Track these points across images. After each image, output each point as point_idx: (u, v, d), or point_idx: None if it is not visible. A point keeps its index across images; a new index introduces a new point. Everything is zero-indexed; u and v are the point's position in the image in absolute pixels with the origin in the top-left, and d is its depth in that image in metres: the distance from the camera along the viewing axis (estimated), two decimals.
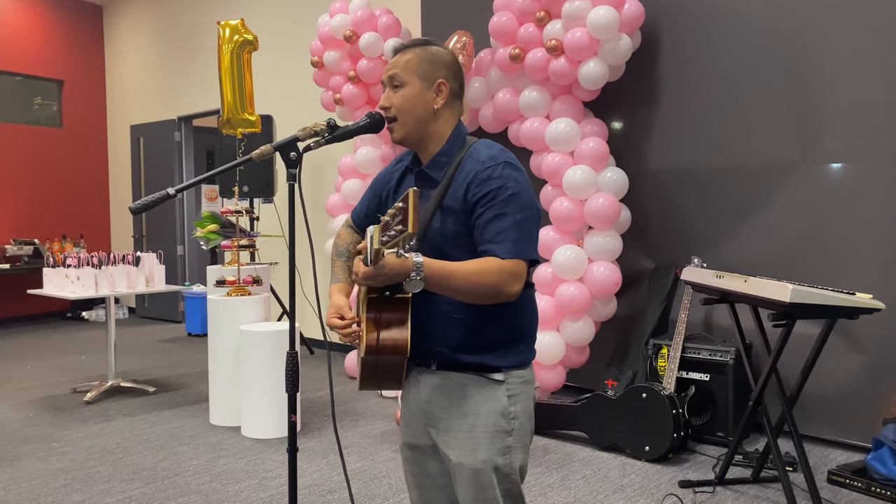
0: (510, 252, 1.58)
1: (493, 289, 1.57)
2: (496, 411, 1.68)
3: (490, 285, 1.57)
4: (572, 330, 4.23)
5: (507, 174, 1.62)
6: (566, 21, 4.15)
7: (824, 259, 3.92)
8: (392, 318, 1.62)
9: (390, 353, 1.62)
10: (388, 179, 1.88)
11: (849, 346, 3.83)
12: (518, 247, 1.59)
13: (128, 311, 9.24)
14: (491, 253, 1.59)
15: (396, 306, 1.62)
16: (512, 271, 1.58)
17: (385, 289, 1.60)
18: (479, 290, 1.57)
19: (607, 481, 3.45)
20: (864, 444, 3.71)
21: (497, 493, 1.68)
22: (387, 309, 1.62)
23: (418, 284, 1.48)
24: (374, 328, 1.61)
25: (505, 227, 1.59)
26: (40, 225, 8.85)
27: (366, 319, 1.62)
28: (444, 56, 1.74)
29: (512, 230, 1.59)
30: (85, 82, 9.40)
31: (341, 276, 1.90)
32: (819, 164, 3.95)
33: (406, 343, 1.61)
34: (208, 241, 4.88)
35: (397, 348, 1.61)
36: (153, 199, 1.58)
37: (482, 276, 1.56)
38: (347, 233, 1.97)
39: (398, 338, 1.61)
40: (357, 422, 4.44)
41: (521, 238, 1.60)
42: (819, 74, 3.93)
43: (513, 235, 1.59)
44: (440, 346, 1.68)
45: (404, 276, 1.47)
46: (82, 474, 3.61)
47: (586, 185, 4.16)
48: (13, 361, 6.42)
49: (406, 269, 1.46)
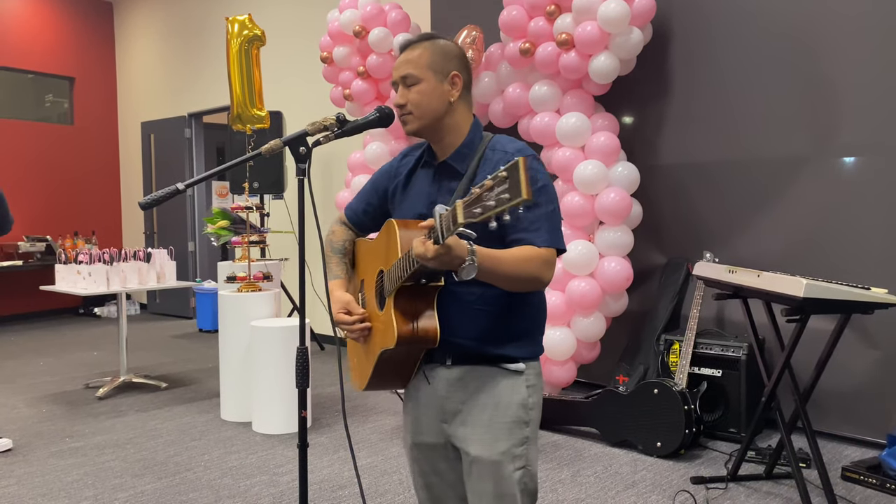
0: (546, 241, 1.61)
1: (534, 275, 1.59)
2: (517, 402, 1.69)
3: (533, 272, 1.58)
4: (583, 325, 4.21)
5: (536, 166, 1.64)
6: (576, 15, 4.12)
7: (837, 254, 3.88)
8: (420, 307, 1.61)
9: (420, 343, 1.61)
10: (394, 174, 1.86)
11: (863, 342, 3.80)
12: (552, 236, 1.62)
13: (139, 307, 9.28)
14: (528, 241, 1.60)
15: (424, 296, 1.62)
16: (549, 259, 1.61)
17: (422, 277, 1.59)
18: (524, 276, 1.58)
19: (619, 477, 3.43)
20: (879, 440, 3.68)
21: (515, 488, 1.68)
22: (415, 299, 1.62)
23: (472, 270, 1.45)
24: (406, 318, 1.60)
25: (539, 217, 1.61)
26: (52, 222, 8.90)
27: (394, 310, 1.60)
28: (453, 49, 1.74)
29: (545, 220, 1.62)
30: (96, 79, 9.43)
31: (339, 271, 1.89)
32: (832, 159, 3.91)
33: (436, 332, 1.61)
34: (219, 238, 4.89)
35: (427, 338, 1.61)
36: (162, 195, 1.58)
37: (527, 264, 1.57)
38: (342, 230, 1.95)
39: (428, 327, 1.61)
40: (367, 417, 4.44)
41: (553, 228, 1.64)
42: (831, 68, 3.88)
43: (546, 225, 1.62)
44: (461, 338, 1.67)
45: (460, 262, 1.44)
46: (95, 469, 3.62)
47: (597, 180, 4.13)
48: (26, 357, 6.46)
49: (463, 255, 1.44)
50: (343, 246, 1.93)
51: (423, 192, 1.76)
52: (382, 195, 1.88)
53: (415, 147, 1.86)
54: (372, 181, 1.92)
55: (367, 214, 1.92)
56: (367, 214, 1.92)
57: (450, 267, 1.46)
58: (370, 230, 1.95)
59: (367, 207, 1.91)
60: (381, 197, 1.88)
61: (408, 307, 1.61)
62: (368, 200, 1.91)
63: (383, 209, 1.89)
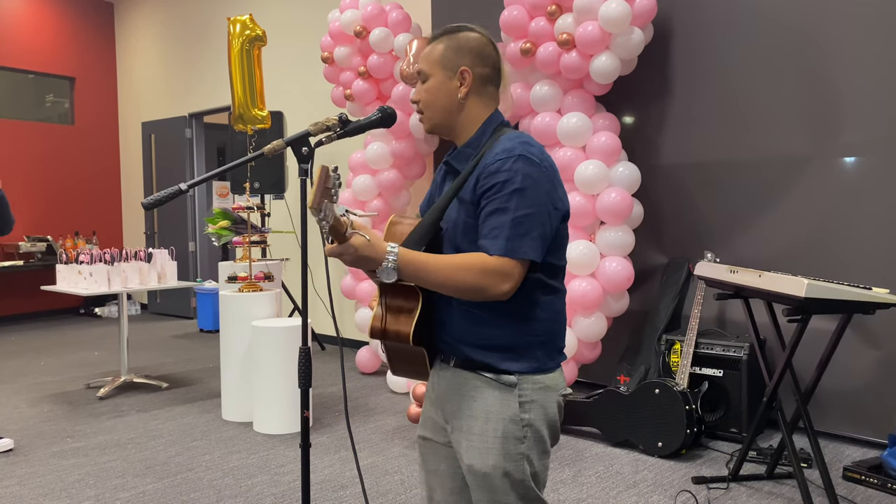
0: (500, 249, 1.49)
1: (472, 287, 1.50)
2: (506, 417, 1.61)
3: (468, 283, 1.49)
4: (584, 325, 4.21)
5: (517, 168, 1.53)
6: (578, 15, 4.12)
7: (838, 254, 3.88)
8: (400, 304, 1.61)
9: (393, 338, 1.62)
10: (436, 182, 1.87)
11: (864, 342, 3.80)
12: (511, 244, 1.49)
13: (140, 307, 9.28)
14: (483, 248, 1.52)
15: (404, 294, 1.61)
16: (497, 270, 1.49)
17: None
18: (457, 286, 1.50)
19: (620, 477, 3.43)
20: (881, 440, 3.68)
21: (511, 498, 1.63)
22: (395, 295, 1.62)
23: (391, 273, 1.43)
24: (381, 314, 1.62)
25: (501, 223, 1.50)
26: (53, 222, 8.90)
27: (379, 303, 1.62)
28: (471, 42, 1.66)
29: (508, 227, 1.50)
30: (96, 79, 9.43)
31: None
32: (833, 159, 3.91)
33: (408, 332, 1.59)
34: (220, 238, 4.89)
35: (399, 335, 1.60)
36: (165, 195, 1.58)
37: (460, 273, 1.49)
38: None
39: (401, 326, 1.61)
40: (369, 417, 4.44)
41: (516, 235, 1.50)
42: (832, 68, 3.88)
43: (507, 232, 1.49)
44: (455, 339, 1.65)
45: (376, 263, 1.43)
46: (96, 469, 3.63)
47: (598, 180, 4.14)
48: (27, 357, 6.47)
49: (378, 255, 1.42)
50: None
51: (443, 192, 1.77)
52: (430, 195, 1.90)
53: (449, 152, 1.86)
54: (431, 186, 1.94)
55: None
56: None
57: (365, 267, 1.45)
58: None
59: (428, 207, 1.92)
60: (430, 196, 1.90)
61: (392, 302, 1.62)
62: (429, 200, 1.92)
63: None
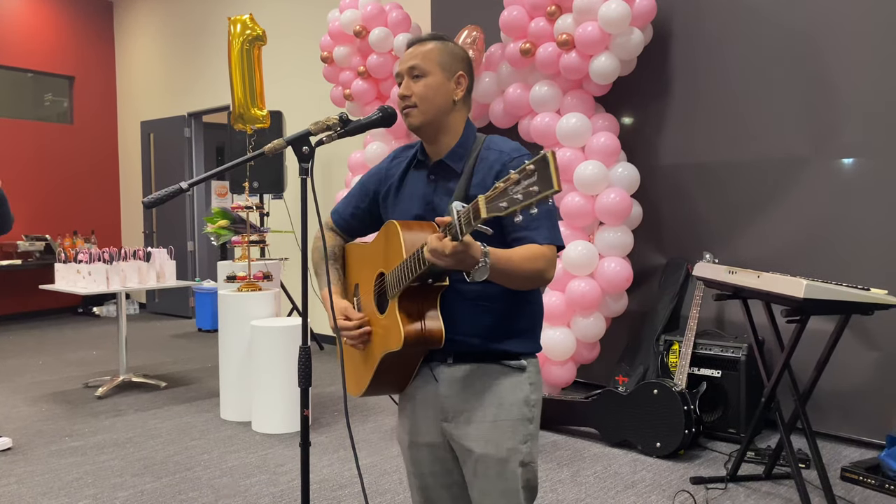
0: (547, 238, 1.62)
1: (539, 273, 1.60)
2: (520, 400, 1.70)
3: (539, 270, 1.59)
4: (583, 326, 4.21)
5: None
6: (577, 15, 4.12)
7: (837, 255, 3.89)
8: (425, 308, 1.61)
9: (426, 343, 1.60)
10: (384, 177, 1.85)
11: (862, 343, 3.80)
12: (552, 234, 1.64)
13: (138, 306, 9.28)
14: (529, 240, 1.61)
15: (428, 296, 1.61)
16: (551, 257, 1.62)
17: (429, 277, 1.58)
18: (530, 275, 1.59)
19: (618, 477, 3.44)
20: (878, 441, 3.69)
21: (518, 485, 1.69)
22: (420, 300, 1.61)
23: (485, 272, 1.45)
24: (412, 319, 1.59)
25: (538, 215, 1.60)
26: (51, 221, 8.90)
27: (399, 311, 1.59)
28: (461, 52, 1.77)
29: (545, 218, 1.63)
30: (96, 78, 9.43)
31: (334, 278, 1.89)
32: (832, 160, 3.92)
33: (441, 332, 1.60)
34: (219, 237, 4.89)
35: (433, 338, 1.60)
36: (166, 194, 1.58)
37: (533, 262, 1.58)
38: (331, 235, 1.94)
39: (433, 328, 1.60)
40: (367, 417, 4.44)
41: (552, 226, 1.65)
42: (832, 70, 3.89)
43: (546, 223, 1.63)
44: (464, 335, 1.67)
45: (475, 262, 1.43)
46: (94, 468, 3.62)
47: (597, 181, 4.14)
48: (26, 356, 6.46)
49: (477, 255, 1.43)
50: (333, 251, 1.93)
51: (417, 193, 1.76)
52: (372, 198, 1.87)
53: (405, 148, 1.86)
54: (360, 184, 1.91)
55: (354, 218, 1.91)
56: (356, 218, 1.90)
57: (463, 267, 1.44)
58: (358, 234, 1.95)
59: (354, 211, 1.90)
60: (370, 200, 1.87)
61: (412, 308, 1.60)
62: (357, 204, 1.90)
63: (372, 213, 1.88)
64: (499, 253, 1.50)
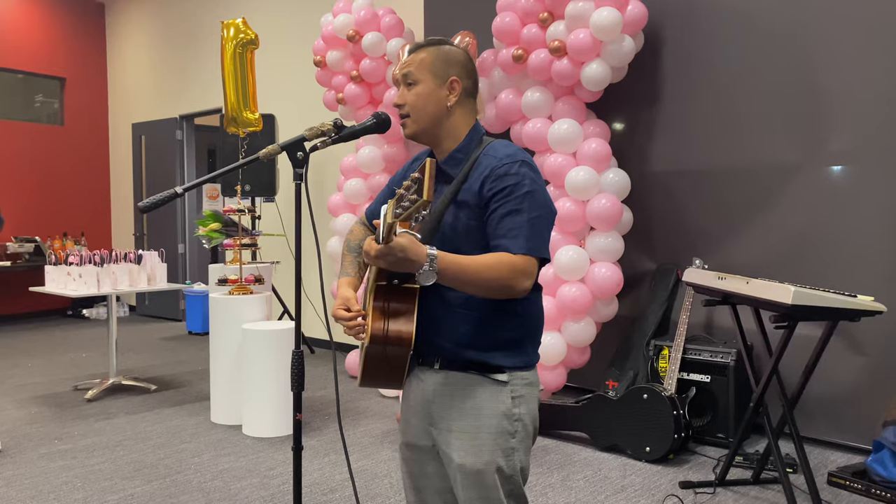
0: (523, 248, 1.59)
1: (503, 283, 1.58)
2: (500, 413, 1.68)
3: (501, 280, 1.57)
4: (574, 330, 4.24)
5: (523, 172, 1.64)
6: (569, 22, 4.15)
7: (825, 261, 3.92)
8: (399, 308, 1.61)
9: (395, 344, 1.61)
10: (403, 177, 1.88)
11: (849, 348, 3.84)
12: (531, 244, 1.60)
13: (128, 308, 9.24)
14: (503, 248, 1.60)
15: (404, 297, 1.62)
16: (523, 268, 1.59)
17: (394, 277, 1.59)
18: (491, 284, 1.57)
19: (608, 482, 3.46)
20: (865, 446, 3.72)
21: (500, 494, 1.68)
22: (394, 299, 1.61)
23: (431, 276, 1.46)
24: (381, 317, 1.60)
25: (518, 224, 1.60)
26: (41, 222, 8.85)
27: (372, 308, 1.61)
28: (458, 55, 1.76)
29: (525, 227, 1.60)
30: (87, 80, 9.39)
31: (350, 270, 1.90)
32: (821, 166, 3.96)
33: (411, 336, 1.60)
34: (210, 240, 4.89)
35: (402, 340, 1.60)
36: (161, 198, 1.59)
37: (494, 271, 1.57)
38: (360, 229, 1.97)
39: (403, 330, 1.60)
40: (358, 421, 4.44)
41: (533, 236, 1.61)
42: (821, 76, 3.93)
43: (526, 232, 1.60)
44: (445, 341, 1.68)
45: (418, 266, 1.45)
46: (84, 471, 3.61)
47: (588, 186, 4.17)
48: (14, 358, 6.43)
49: (420, 258, 1.44)
50: (358, 245, 1.94)
51: None
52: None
53: (426, 151, 1.88)
54: (388, 183, 1.94)
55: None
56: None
57: (405, 269, 1.47)
58: None
59: (379, 208, 1.93)
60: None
61: (384, 307, 1.62)
62: (382, 201, 1.92)
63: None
64: (449, 259, 1.51)
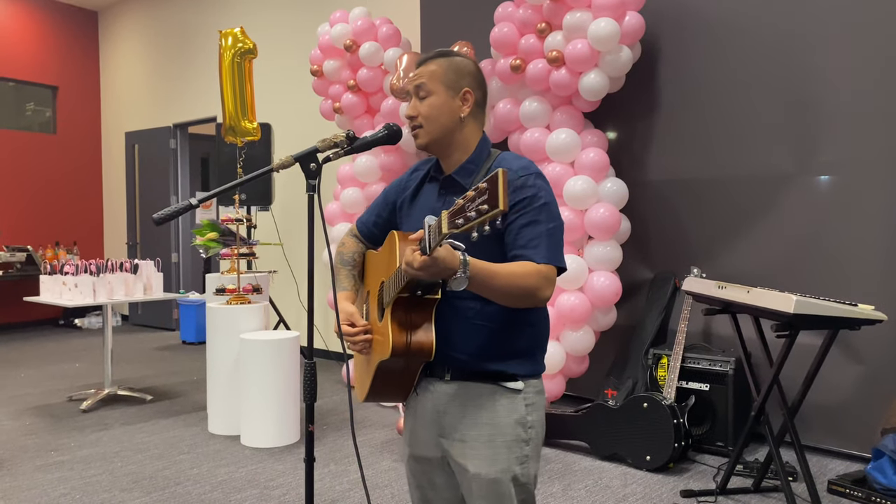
0: (545, 257, 1.61)
1: (530, 291, 1.59)
2: (514, 421, 1.69)
3: (529, 287, 1.58)
4: (572, 339, 4.25)
5: (539, 184, 1.67)
6: (567, 32, 4.18)
7: (823, 270, 3.95)
8: (417, 320, 1.62)
9: (415, 356, 1.61)
10: (403, 188, 1.88)
11: (849, 357, 3.86)
12: (551, 253, 1.62)
13: (121, 318, 9.18)
14: (526, 257, 1.61)
15: (421, 309, 1.62)
16: (547, 276, 1.61)
17: (417, 288, 1.59)
18: (519, 291, 1.58)
19: (609, 491, 3.46)
20: (864, 454, 3.74)
21: (515, 503, 1.69)
22: (414, 310, 1.62)
23: (463, 282, 1.46)
24: (402, 330, 1.60)
25: (539, 234, 1.62)
26: (33, 231, 8.80)
27: (391, 321, 1.61)
28: (469, 66, 1.76)
29: (545, 237, 1.63)
30: (79, 88, 9.36)
31: (347, 283, 1.90)
32: (818, 176, 3.99)
33: (431, 346, 1.61)
34: (207, 250, 4.87)
35: (423, 351, 1.61)
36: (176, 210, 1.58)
37: (522, 279, 1.57)
38: (352, 242, 1.97)
39: (424, 341, 1.61)
40: (357, 431, 4.43)
41: (553, 245, 1.64)
42: (818, 87, 3.97)
43: (546, 242, 1.62)
44: (460, 353, 1.68)
45: (451, 273, 1.45)
46: (82, 483, 3.58)
47: (586, 196, 4.18)
48: (6, 369, 6.37)
49: (454, 265, 1.44)
50: (352, 258, 1.94)
51: (428, 205, 1.78)
52: (392, 208, 1.90)
53: (425, 161, 1.89)
54: (383, 194, 1.94)
55: (377, 227, 1.93)
56: (377, 227, 1.93)
57: (441, 277, 1.47)
58: (380, 242, 1.97)
59: (377, 220, 1.93)
60: (390, 210, 1.90)
61: (405, 319, 1.62)
62: (379, 213, 1.93)
63: (392, 222, 1.91)
64: (480, 265, 1.51)
